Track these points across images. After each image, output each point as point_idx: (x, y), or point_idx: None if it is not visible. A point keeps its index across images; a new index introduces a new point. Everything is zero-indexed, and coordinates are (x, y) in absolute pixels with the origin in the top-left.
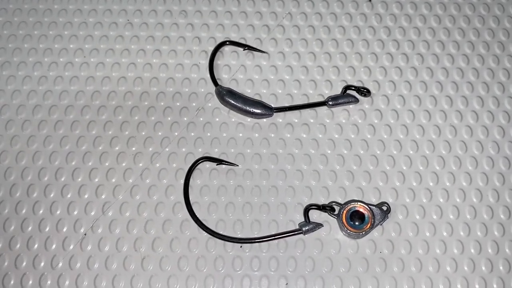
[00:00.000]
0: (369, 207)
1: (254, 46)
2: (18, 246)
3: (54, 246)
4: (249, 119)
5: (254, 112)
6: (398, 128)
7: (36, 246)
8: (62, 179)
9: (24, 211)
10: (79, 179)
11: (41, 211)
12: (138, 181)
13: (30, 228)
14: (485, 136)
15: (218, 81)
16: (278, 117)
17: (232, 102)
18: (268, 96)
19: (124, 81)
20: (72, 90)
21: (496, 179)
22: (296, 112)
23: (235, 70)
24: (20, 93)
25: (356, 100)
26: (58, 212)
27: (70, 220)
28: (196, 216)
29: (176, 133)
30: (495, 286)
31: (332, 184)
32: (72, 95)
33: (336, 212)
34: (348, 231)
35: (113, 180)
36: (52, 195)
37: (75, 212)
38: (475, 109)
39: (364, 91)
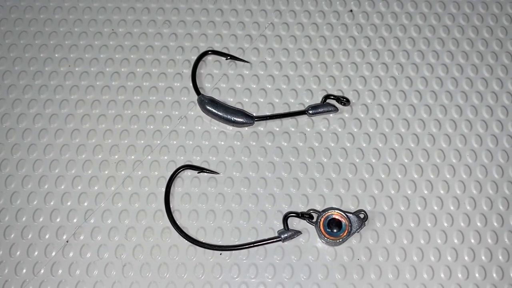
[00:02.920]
0: (346, 214)
1: (237, 55)
2: (0, 253)
3: (36, 253)
4: (230, 127)
5: (236, 120)
6: (377, 137)
7: (18, 253)
8: (45, 187)
9: (7, 218)
10: (62, 187)
11: (24, 219)
12: (120, 189)
13: (12, 236)
14: (463, 145)
15: (200, 90)
16: (259, 126)
17: (214, 111)
18: (250, 105)
19: (107, 90)
20: (56, 99)
21: (473, 187)
22: (277, 120)
23: (218, 79)
24: (4, 102)
25: (336, 109)
26: (41, 219)
27: (52, 228)
28: (176, 223)
29: (158, 142)
30: None
31: (311, 192)
32: (57, 104)
33: (314, 220)
34: (326, 238)
35: (96, 188)
36: (35, 202)
37: (58, 220)
38: (453, 118)
39: (344, 100)
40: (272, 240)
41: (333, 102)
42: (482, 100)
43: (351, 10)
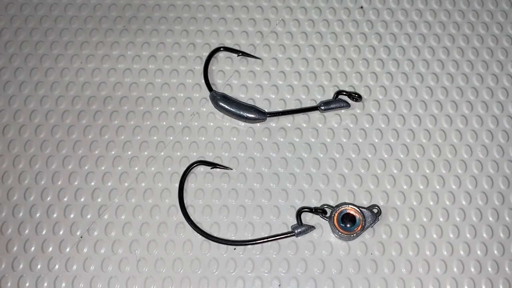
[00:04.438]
0: (360, 209)
1: (248, 52)
2: (15, 248)
3: (50, 249)
4: (243, 123)
5: (248, 116)
6: (389, 133)
7: (33, 248)
8: (59, 183)
9: (21, 214)
10: (76, 183)
11: (38, 214)
12: (134, 185)
13: (27, 231)
14: (474, 140)
15: (212, 86)
16: (272, 122)
17: (226, 107)
18: (261, 101)
19: (120, 86)
20: (69, 95)
21: (485, 182)
22: (289, 116)
23: (229, 76)
24: (17, 98)
25: (348, 105)
26: (55, 215)
27: (66, 223)
28: (190, 219)
29: (171, 138)
30: (483, 287)
31: (324, 187)
32: (69, 100)
33: (327, 215)
34: (340, 233)
35: (109, 184)
36: (49, 198)
37: (72, 215)
38: (464, 114)
39: (356, 96)
40: (285, 235)
41: (345, 98)
42: (492, 96)
43: (361, 7)
